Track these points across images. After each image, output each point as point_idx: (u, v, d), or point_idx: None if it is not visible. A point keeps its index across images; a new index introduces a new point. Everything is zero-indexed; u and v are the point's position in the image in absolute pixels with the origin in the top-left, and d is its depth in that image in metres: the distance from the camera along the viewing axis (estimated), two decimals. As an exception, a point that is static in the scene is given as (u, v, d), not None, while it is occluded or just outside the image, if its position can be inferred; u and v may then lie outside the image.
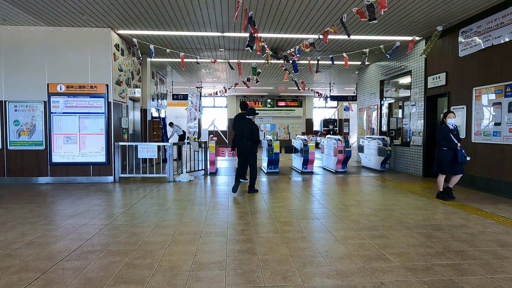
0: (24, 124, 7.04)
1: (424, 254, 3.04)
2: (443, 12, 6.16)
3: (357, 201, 5.29)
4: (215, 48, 8.87)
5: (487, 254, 3.06)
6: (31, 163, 7.08)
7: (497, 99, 5.79)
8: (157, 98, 10.90)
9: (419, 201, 5.29)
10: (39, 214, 4.52)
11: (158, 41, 8.06)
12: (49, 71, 7.03)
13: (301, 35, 7.68)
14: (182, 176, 7.52)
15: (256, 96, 20.89)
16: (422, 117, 7.99)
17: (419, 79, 8.12)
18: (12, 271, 2.68)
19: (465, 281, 2.50)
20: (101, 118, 7.11)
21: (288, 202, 5.22)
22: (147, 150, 7.33)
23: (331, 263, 2.83)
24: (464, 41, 6.57)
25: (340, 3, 5.82)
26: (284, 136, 21.19)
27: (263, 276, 2.59)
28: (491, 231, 3.76)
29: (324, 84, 15.97)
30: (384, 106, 10.20)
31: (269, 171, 8.66)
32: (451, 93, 6.99)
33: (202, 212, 4.61)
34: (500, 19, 5.70)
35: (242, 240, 3.42)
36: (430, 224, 4.00)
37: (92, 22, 6.77)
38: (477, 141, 6.24)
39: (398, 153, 9.17)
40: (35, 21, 6.66)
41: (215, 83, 15.46)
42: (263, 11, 6.18)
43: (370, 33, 7.54)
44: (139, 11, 6.15)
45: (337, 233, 3.68)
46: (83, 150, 7.12)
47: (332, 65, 8.96)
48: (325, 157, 9.83)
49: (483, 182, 6.17)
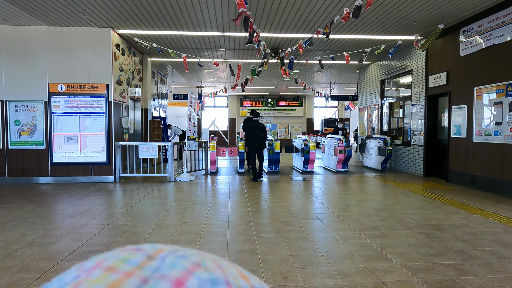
0: (24, 124, 7.05)
1: (425, 254, 3.03)
2: (444, 11, 6.15)
3: (358, 201, 5.29)
4: (215, 48, 8.87)
5: (488, 254, 3.06)
6: (32, 163, 7.08)
7: (498, 99, 5.77)
8: (157, 97, 10.91)
9: (420, 201, 5.28)
10: (40, 214, 4.52)
11: (159, 40, 8.06)
12: (50, 71, 7.03)
13: (301, 35, 7.67)
14: (183, 176, 7.52)
15: (256, 96, 20.87)
16: (423, 117, 7.98)
17: (420, 79, 8.11)
18: (13, 271, 2.68)
19: (466, 281, 2.49)
20: (101, 118, 7.11)
21: (288, 202, 5.22)
22: (147, 150, 7.33)
23: (332, 263, 2.83)
24: (465, 40, 6.55)
25: (340, 3, 5.81)
26: (285, 136, 21.17)
27: (264, 276, 2.59)
28: (492, 231, 3.75)
29: (325, 84, 15.96)
30: (385, 105, 10.19)
31: (270, 170, 8.65)
32: (452, 92, 6.98)
33: (203, 212, 4.61)
34: (501, 18, 5.68)
35: (243, 240, 3.42)
36: (431, 224, 4.00)
37: (93, 22, 6.76)
38: (478, 141, 6.23)
39: (399, 152, 9.16)
40: (35, 21, 6.67)
41: (216, 83, 15.46)
42: (263, 11, 6.17)
43: (370, 33, 7.53)
44: (139, 10, 6.15)
45: (338, 233, 3.67)
46: (83, 150, 7.12)
47: (332, 60, 8.97)
48: (326, 156, 9.82)
49: (484, 181, 6.15)
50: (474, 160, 6.35)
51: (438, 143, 7.73)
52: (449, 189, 6.31)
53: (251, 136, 7.31)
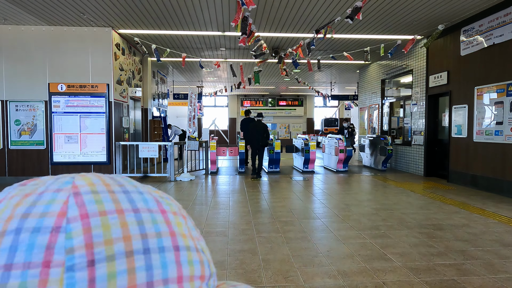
0: (25, 123, 7.05)
1: (426, 254, 3.03)
2: (444, 10, 6.14)
3: (358, 201, 5.28)
4: (216, 47, 8.86)
5: (489, 254, 3.05)
6: (32, 162, 7.08)
7: (499, 98, 5.76)
8: (158, 97, 10.91)
9: (421, 201, 5.27)
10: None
11: (159, 40, 8.05)
12: (50, 70, 7.03)
13: (302, 34, 7.67)
14: (183, 175, 7.52)
15: (257, 96, 20.86)
16: (423, 116, 7.97)
17: (421, 78, 8.10)
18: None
19: (467, 281, 2.49)
20: (102, 118, 7.11)
21: (289, 202, 5.21)
22: (148, 149, 7.33)
23: (333, 263, 2.82)
24: (466, 40, 6.54)
25: (341, 2, 5.80)
26: (285, 135, 21.17)
27: (264, 275, 2.59)
28: (493, 230, 3.75)
29: (325, 84, 15.95)
30: (385, 105, 10.18)
31: (270, 170, 8.65)
32: (453, 92, 6.97)
33: (203, 211, 4.61)
34: (502, 18, 5.67)
35: (243, 240, 3.42)
36: (432, 224, 3.99)
37: (93, 22, 6.76)
38: (479, 140, 6.22)
39: (399, 152, 9.15)
40: (36, 21, 6.66)
41: (216, 82, 15.45)
42: (263, 10, 6.16)
43: (371, 32, 7.52)
44: (139, 10, 6.15)
45: (338, 232, 3.67)
46: (84, 149, 7.12)
47: (334, 60, 8.99)
48: (326, 156, 9.82)
49: (485, 181, 6.15)
50: (475, 159, 6.34)
51: (439, 143, 7.72)
52: (449, 189, 6.30)
53: (254, 134, 7.76)
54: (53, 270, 0.21)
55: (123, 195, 0.26)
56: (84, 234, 0.22)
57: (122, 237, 0.23)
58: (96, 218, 0.23)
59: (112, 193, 0.25)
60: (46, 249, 0.21)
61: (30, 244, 0.22)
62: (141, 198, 0.26)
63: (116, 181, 0.27)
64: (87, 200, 0.24)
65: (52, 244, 0.22)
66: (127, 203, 0.25)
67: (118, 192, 0.26)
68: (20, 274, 0.21)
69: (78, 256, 0.21)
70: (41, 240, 0.22)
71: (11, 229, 0.22)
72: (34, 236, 0.22)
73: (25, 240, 0.22)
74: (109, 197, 0.25)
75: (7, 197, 0.25)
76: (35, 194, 0.24)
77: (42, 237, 0.22)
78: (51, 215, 0.23)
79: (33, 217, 0.23)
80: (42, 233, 0.22)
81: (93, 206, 0.24)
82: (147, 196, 0.27)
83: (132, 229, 0.24)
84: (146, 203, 0.26)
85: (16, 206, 0.24)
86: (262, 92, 19.91)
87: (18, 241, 0.22)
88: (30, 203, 0.24)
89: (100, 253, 0.22)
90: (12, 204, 0.24)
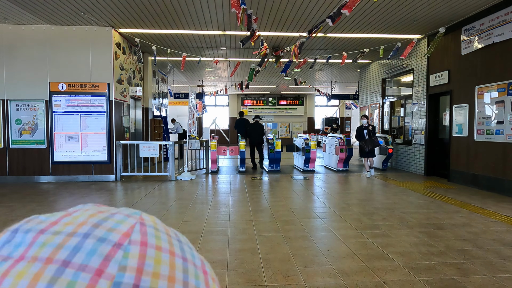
0: (26, 123, 7.05)
1: (427, 253, 3.03)
2: (445, 10, 6.12)
3: (358, 200, 5.28)
4: (216, 46, 8.86)
5: (490, 253, 3.05)
6: (33, 162, 7.09)
7: (500, 98, 5.75)
8: (158, 96, 10.91)
9: (421, 200, 5.27)
10: (41, 213, 4.50)
11: (160, 39, 8.05)
12: (51, 70, 7.03)
13: (303, 34, 7.65)
14: (184, 174, 7.52)
15: (257, 95, 20.85)
16: (424, 116, 7.96)
17: (421, 78, 8.09)
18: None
19: (467, 281, 2.49)
20: (102, 117, 7.11)
21: (289, 201, 5.21)
22: (148, 148, 7.34)
23: (333, 262, 2.83)
24: (466, 39, 6.53)
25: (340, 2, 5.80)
26: (286, 134, 21.16)
27: (265, 275, 2.59)
28: (493, 230, 3.75)
29: (326, 83, 15.94)
30: (386, 104, 10.17)
31: (271, 169, 8.65)
32: (454, 91, 6.96)
33: (204, 211, 4.61)
34: (503, 17, 5.66)
35: (244, 239, 3.42)
36: (432, 223, 3.99)
37: (94, 21, 6.76)
38: (480, 140, 6.21)
39: (400, 151, 9.15)
40: (36, 20, 6.66)
41: (217, 82, 15.45)
42: (264, 10, 6.15)
43: (371, 32, 7.50)
44: (140, 9, 6.14)
45: (339, 232, 3.67)
46: (84, 149, 7.13)
47: (327, 63, 9.04)
48: (327, 155, 9.82)
49: (485, 180, 6.14)
50: (475, 159, 6.34)
51: (440, 142, 7.71)
52: (450, 188, 6.30)
53: (252, 134, 9.08)
54: (102, 280, 0.22)
55: (177, 242, 0.28)
56: (139, 259, 0.24)
57: (168, 275, 0.24)
58: (152, 249, 0.25)
59: (169, 236, 0.28)
60: (104, 259, 0.23)
61: (92, 249, 0.23)
62: (190, 252, 0.28)
63: (173, 230, 0.30)
64: (149, 232, 0.26)
65: (110, 257, 0.23)
66: (179, 249, 0.27)
67: (174, 238, 0.28)
68: (73, 274, 0.22)
69: (127, 277, 0.23)
70: (102, 249, 0.23)
71: (81, 232, 0.24)
72: (98, 244, 0.24)
73: (89, 244, 0.23)
74: (166, 238, 0.27)
75: (82, 209, 0.28)
76: (108, 212, 0.27)
77: (104, 247, 0.24)
78: (117, 232, 0.25)
79: (102, 229, 0.25)
80: (105, 244, 0.24)
81: (152, 239, 0.26)
82: (195, 252, 0.30)
83: (178, 273, 0.25)
84: (193, 257, 0.28)
85: (90, 217, 0.26)
86: (262, 91, 19.90)
87: (83, 244, 0.23)
88: (102, 217, 0.26)
89: (146, 281, 0.23)
90: (87, 214, 0.27)
